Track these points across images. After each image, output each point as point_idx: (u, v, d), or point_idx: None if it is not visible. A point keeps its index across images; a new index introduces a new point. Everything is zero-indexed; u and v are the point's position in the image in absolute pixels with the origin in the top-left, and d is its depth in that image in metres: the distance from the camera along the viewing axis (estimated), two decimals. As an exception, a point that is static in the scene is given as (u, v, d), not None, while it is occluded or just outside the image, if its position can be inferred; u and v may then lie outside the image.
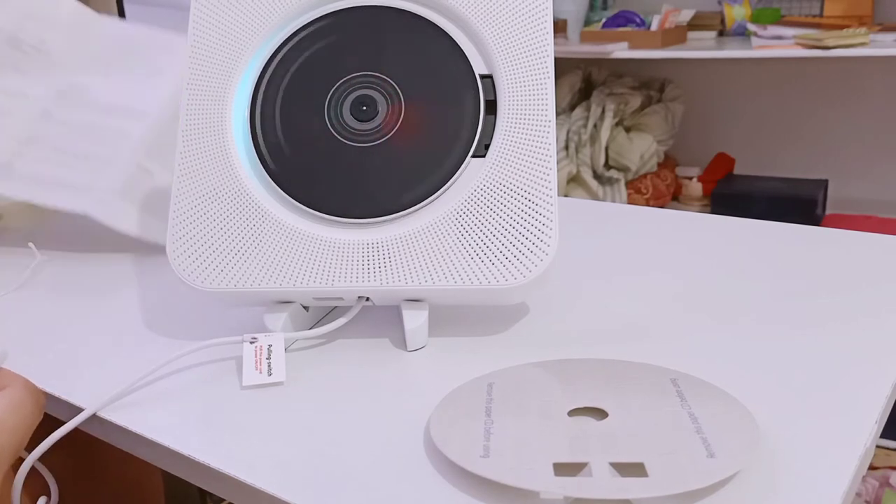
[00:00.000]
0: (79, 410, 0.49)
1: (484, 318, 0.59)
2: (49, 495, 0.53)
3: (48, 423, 0.50)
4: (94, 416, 0.49)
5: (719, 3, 2.18)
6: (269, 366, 0.51)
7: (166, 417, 0.48)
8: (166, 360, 0.52)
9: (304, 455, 0.43)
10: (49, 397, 0.52)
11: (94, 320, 0.64)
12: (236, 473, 0.42)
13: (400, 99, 0.55)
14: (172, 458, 0.45)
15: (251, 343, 0.52)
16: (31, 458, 0.48)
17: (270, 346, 0.52)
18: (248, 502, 0.42)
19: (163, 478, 0.83)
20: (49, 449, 0.48)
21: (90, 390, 0.52)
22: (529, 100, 0.54)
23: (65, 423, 0.48)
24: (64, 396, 0.51)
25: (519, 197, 0.53)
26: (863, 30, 1.79)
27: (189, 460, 0.44)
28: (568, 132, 2.07)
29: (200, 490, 1.18)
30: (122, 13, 1.13)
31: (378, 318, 0.60)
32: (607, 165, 2.09)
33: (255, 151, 0.56)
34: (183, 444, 0.45)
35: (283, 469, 0.42)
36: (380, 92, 0.56)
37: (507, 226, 0.52)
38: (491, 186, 0.53)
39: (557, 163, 1.97)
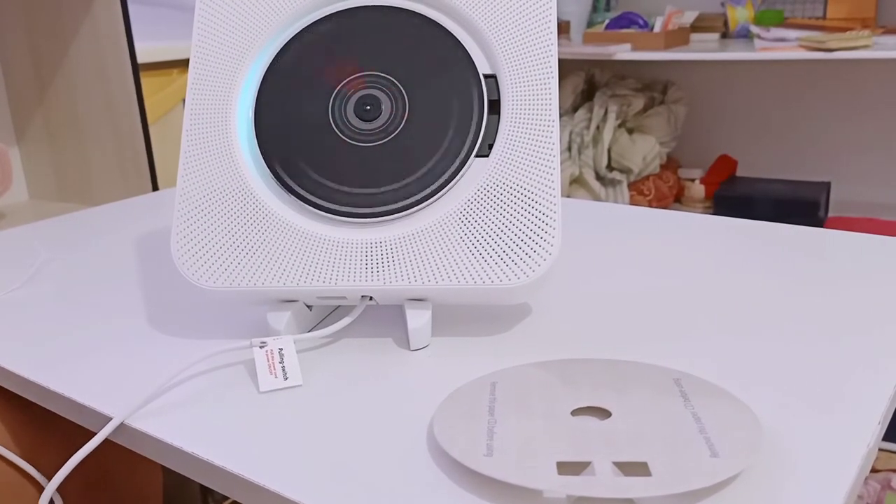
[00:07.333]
0: (104, 419, 0.49)
1: (487, 318, 0.59)
2: None
3: (59, 435, 0.50)
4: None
5: (722, 4, 2.18)
6: (283, 370, 0.51)
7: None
8: (179, 368, 0.51)
9: (308, 453, 0.43)
10: (63, 400, 0.52)
11: (96, 320, 0.64)
12: (240, 472, 0.42)
13: (404, 98, 0.56)
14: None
15: (261, 347, 0.52)
16: (56, 481, 0.47)
17: (281, 349, 0.52)
18: (254, 501, 0.42)
19: (163, 486, 0.83)
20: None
21: (102, 396, 0.52)
22: (533, 100, 0.54)
23: (76, 423, 0.48)
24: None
25: (522, 197, 0.53)
26: (866, 32, 1.79)
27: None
28: (570, 133, 2.07)
29: (202, 489, 1.18)
30: (126, 14, 1.14)
31: (381, 317, 0.60)
32: (610, 167, 2.09)
33: (259, 151, 0.56)
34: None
35: (286, 467, 0.42)
36: (384, 91, 0.56)
37: (510, 225, 0.52)
38: (494, 186, 0.53)
39: (560, 164, 1.97)
